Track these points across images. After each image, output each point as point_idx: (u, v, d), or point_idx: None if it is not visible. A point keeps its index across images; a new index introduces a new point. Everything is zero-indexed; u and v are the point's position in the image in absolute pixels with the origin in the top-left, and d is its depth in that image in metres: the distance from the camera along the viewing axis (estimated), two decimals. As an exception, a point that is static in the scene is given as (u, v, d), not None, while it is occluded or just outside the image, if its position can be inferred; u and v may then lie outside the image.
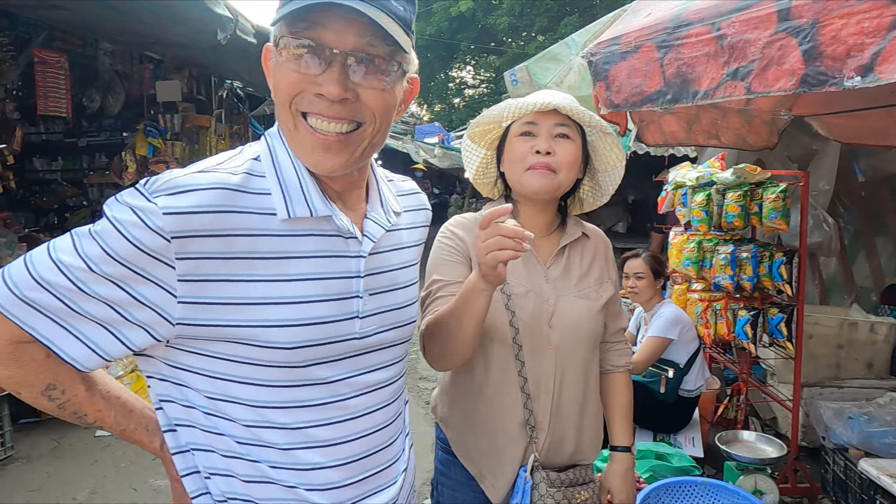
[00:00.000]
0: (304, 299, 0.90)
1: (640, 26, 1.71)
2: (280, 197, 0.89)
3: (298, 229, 0.90)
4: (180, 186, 0.82)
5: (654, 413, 3.28)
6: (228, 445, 0.92)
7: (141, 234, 0.80)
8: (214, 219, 0.83)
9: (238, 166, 0.90)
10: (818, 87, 1.17)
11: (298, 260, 0.90)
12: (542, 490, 1.41)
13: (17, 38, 5.09)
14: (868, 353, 3.67)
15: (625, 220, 11.88)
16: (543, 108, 1.39)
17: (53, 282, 0.81)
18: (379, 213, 1.03)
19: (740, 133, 3.15)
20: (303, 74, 0.86)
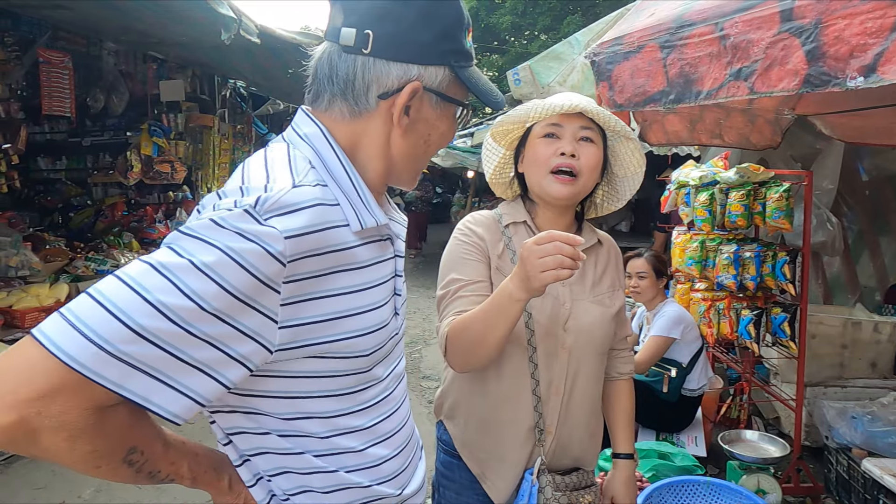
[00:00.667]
0: (376, 305, 0.93)
1: (643, 26, 1.71)
2: (349, 208, 0.88)
3: (364, 238, 0.91)
4: (290, 205, 0.78)
5: (657, 412, 3.28)
6: (307, 462, 0.92)
7: (262, 263, 0.74)
8: (319, 237, 0.81)
9: (311, 179, 0.86)
10: (821, 88, 1.17)
11: (369, 268, 0.91)
12: (549, 493, 1.41)
13: (21, 38, 5.11)
14: (871, 352, 3.67)
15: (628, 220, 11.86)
16: (570, 110, 1.39)
17: (156, 329, 0.69)
18: (393, 214, 1.08)
19: (744, 132, 3.14)
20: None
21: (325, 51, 0.94)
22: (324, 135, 0.92)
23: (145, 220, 6.46)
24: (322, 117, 0.94)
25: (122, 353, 0.69)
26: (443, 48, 0.91)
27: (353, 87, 0.91)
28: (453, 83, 0.94)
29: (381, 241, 0.96)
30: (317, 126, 0.92)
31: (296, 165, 0.87)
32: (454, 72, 0.93)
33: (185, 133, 6.41)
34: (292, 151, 0.90)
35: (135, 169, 5.79)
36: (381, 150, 0.94)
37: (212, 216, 0.74)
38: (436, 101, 0.94)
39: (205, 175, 6.93)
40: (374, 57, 0.89)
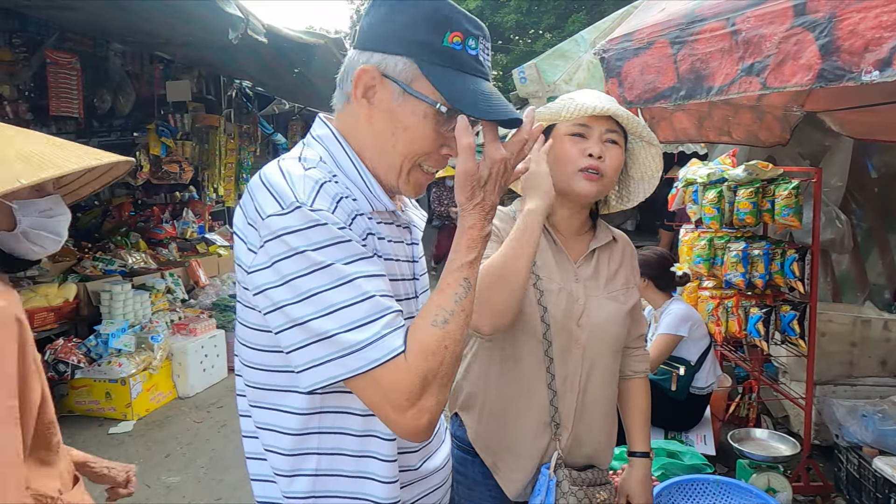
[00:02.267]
0: (404, 277, 1.05)
1: (654, 22, 1.70)
2: (360, 194, 0.99)
3: (381, 219, 1.02)
4: (314, 185, 0.91)
5: (666, 411, 3.27)
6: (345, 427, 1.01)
7: (342, 233, 0.89)
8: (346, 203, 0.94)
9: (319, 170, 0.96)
10: (835, 82, 1.16)
11: (389, 243, 1.02)
12: (566, 487, 1.42)
13: (29, 40, 5.14)
14: (881, 350, 3.64)
15: (634, 218, 11.82)
16: (602, 112, 1.41)
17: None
18: (411, 208, 1.16)
19: (752, 129, 3.13)
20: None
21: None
22: (333, 134, 1.01)
23: (152, 220, 6.48)
24: (335, 117, 1.05)
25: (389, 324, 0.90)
26: (407, 38, 0.93)
27: (343, 77, 1.00)
28: (422, 79, 0.94)
29: (395, 225, 1.06)
30: (328, 128, 1.02)
31: (305, 160, 0.97)
32: (419, 67, 0.94)
33: (191, 133, 6.44)
34: (303, 151, 1.00)
35: (144, 169, 5.82)
36: (364, 135, 1.00)
37: (282, 231, 0.87)
38: (398, 93, 0.95)
39: (211, 175, 6.95)
40: (355, 48, 0.99)
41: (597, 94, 1.48)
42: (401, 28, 0.94)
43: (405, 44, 0.94)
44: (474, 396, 1.55)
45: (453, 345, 0.92)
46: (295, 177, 0.91)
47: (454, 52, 0.95)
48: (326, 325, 0.86)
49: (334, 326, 0.86)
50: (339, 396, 0.98)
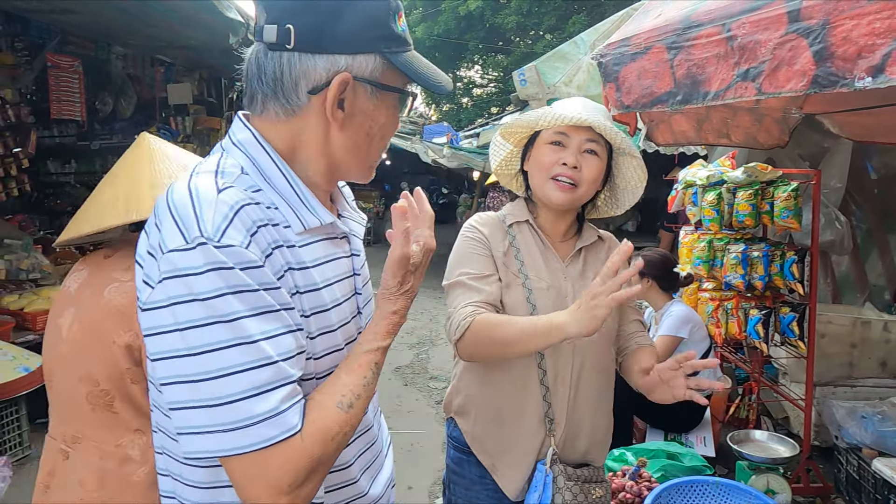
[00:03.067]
0: (338, 302, 0.95)
1: (650, 27, 1.72)
2: (289, 209, 0.89)
3: (311, 238, 0.92)
4: (227, 214, 0.79)
5: (666, 412, 3.27)
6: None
7: (249, 278, 0.79)
8: (266, 232, 0.83)
9: (239, 185, 0.85)
10: (829, 88, 1.17)
11: (321, 266, 0.92)
12: (561, 483, 1.44)
13: (31, 43, 5.16)
14: (881, 351, 3.64)
15: (634, 219, 11.84)
16: (579, 123, 1.42)
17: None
18: (350, 212, 1.08)
19: (751, 132, 3.13)
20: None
21: (252, 51, 0.91)
22: (257, 140, 0.90)
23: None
24: (258, 121, 0.92)
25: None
26: (369, 35, 0.88)
27: (283, 85, 0.88)
28: (388, 71, 0.91)
29: (333, 238, 0.97)
30: (250, 131, 0.91)
31: (222, 174, 0.85)
32: (387, 59, 0.90)
33: (192, 136, 6.46)
34: (223, 160, 0.89)
35: (143, 171, 5.82)
36: (322, 147, 0.92)
37: (180, 271, 0.75)
38: (371, 91, 0.90)
39: (212, 177, 6.96)
40: (299, 52, 0.86)
41: (583, 103, 1.50)
42: (364, 24, 0.87)
43: (372, 40, 0.88)
44: (469, 400, 1.58)
45: (351, 430, 0.85)
46: (204, 201, 0.79)
47: (404, 34, 0.93)
48: (218, 390, 0.74)
49: (227, 393, 0.74)
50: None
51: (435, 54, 18.92)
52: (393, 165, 17.78)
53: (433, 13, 17.97)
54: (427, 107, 23.16)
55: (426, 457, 3.79)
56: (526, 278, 1.49)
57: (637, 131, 2.77)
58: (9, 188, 5.28)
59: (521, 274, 1.50)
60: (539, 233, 1.56)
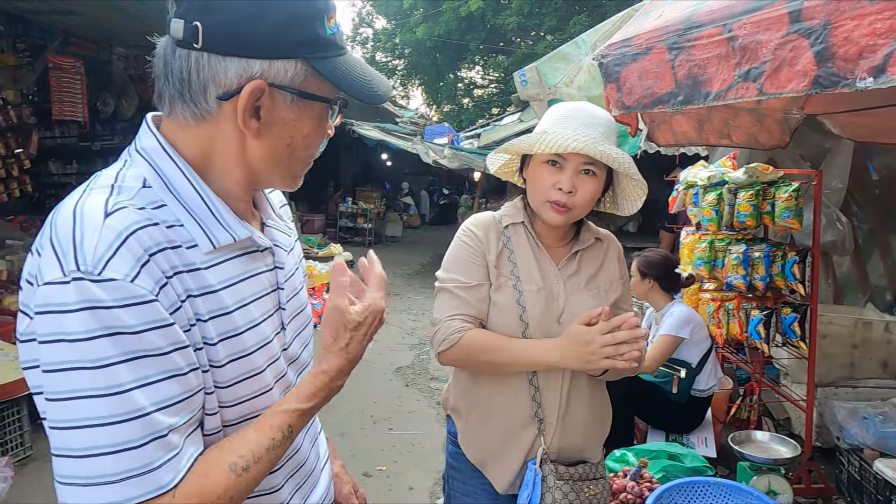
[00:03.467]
0: (255, 322, 0.87)
1: (651, 28, 1.72)
2: (196, 227, 0.81)
3: (223, 256, 0.84)
4: (113, 242, 0.71)
5: (667, 413, 3.28)
6: None
7: (132, 318, 0.71)
8: (163, 257, 0.76)
9: (137, 203, 0.77)
10: (830, 89, 1.17)
11: (236, 286, 0.85)
12: (551, 482, 1.45)
13: (32, 44, 5.18)
14: (883, 352, 3.64)
15: (635, 220, 11.84)
16: (573, 150, 1.39)
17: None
18: (276, 221, 1.00)
19: (752, 132, 3.13)
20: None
21: (161, 44, 0.82)
22: (163, 147, 0.82)
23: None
24: (168, 124, 0.84)
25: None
26: (289, 39, 0.79)
27: (190, 87, 0.79)
28: (313, 78, 0.82)
29: (252, 252, 0.89)
30: (156, 138, 0.82)
31: (119, 189, 0.78)
32: (311, 65, 0.81)
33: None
34: (124, 172, 0.81)
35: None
36: (237, 156, 0.84)
37: (53, 307, 0.68)
38: (292, 100, 0.82)
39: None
40: (208, 52, 0.77)
41: (582, 119, 1.46)
42: (283, 27, 0.78)
43: (292, 45, 0.79)
44: (462, 400, 1.61)
45: (244, 494, 0.78)
46: (87, 227, 0.70)
47: (334, 38, 0.84)
48: (80, 441, 0.68)
49: (88, 445, 0.68)
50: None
51: (436, 55, 18.95)
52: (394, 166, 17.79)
53: (434, 14, 17.98)
54: (428, 108, 23.19)
55: (427, 457, 3.79)
56: (517, 280, 1.51)
57: (638, 132, 2.77)
58: (10, 189, 5.29)
59: (512, 275, 1.51)
60: (534, 235, 1.57)
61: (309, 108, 0.84)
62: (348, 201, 13.32)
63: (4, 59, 4.95)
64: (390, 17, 21.25)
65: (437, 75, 20.44)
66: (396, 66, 22.32)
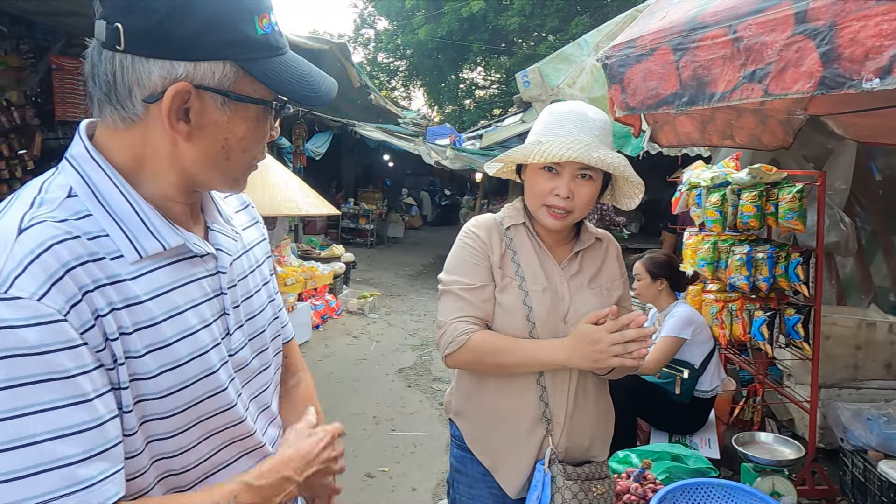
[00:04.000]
0: (190, 331, 0.84)
1: (656, 29, 1.72)
2: (122, 236, 0.79)
3: (152, 265, 0.82)
4: (24, 258, 0.70)
5: (670, 414, 3.27)
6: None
7: (39, 338, 0.68)
8: (81, 272, 0.74)
9: (57, 215, 0.76)
10: (836, 90, 1.17)
11: (167, 294, 0.83)
12: (560, 483, 1.45)
13: (35, 45, 5.19)
14: (886, 353, 3.63)
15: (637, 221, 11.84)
16: (567, 160, 1.39)
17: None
18: (222, 225, 0.97)
19: (755, 133, 3.13)
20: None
21: (90, 47, 0.81)
22: (90, 154, 0.81)
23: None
24: (100, 128, 0.83)
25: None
26: (214, 40, 0.77)
27: (116, 89, 0.78)
28: (245, 79, 0.81)
29: (189, 258, 0.87)
30: (83, 145, 0.82)
31: (41, 200, 0.77)
32: (241, 66, 0.80)
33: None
34: (50, 180, 0.81)
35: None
36: (170, 160, 0.82)
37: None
38: (223, 102, 0.80)
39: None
40: (131, 54, 0.76)
41: (579, 123, 1.45)
42: (207, 28, 0.76)
43: (218, 46, 0.77)
44: (468, 401, 1.60)
45: None
46: (0, 243, 0.71)
47: (267, 38, 0.82)
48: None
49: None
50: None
51: (438, 56, 18.95)
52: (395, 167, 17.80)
53: (436, 15, 18.00)
54: (430, 109, 23.19)
55: (430, 458, 3.79)
56: (522, 280, 1.51)
57: (641, 133, 2.77)
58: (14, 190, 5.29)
59: (517, 276, 1.52)
60: (536, 236, 1.58)
61: (243, 109, 0.83)
62: (350, 202, 13.33)
63: (8, 61, 4.96)
64: (392, 18, 21.25)
65: (438, 76, 20.45)
66: (398, 67, 22.34)
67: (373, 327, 6.90)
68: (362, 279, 9.40)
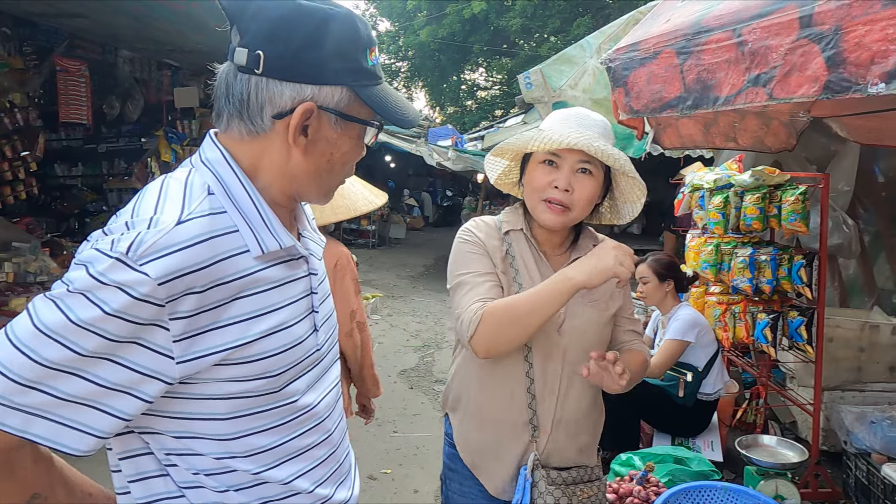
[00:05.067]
0: (286, 324, 0.93)
1: (660, 32, 1.71)
2: (249, 233, 0.89)
3: (268, 261, 0.92)
4: (169, 247, 0.79)
5: (673, 417, 3.27)
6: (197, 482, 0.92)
7: (135, 309, 0.77)
8: (205, 273, 0.82)
9: (203, 207, 0.86)
10: (842, 94, 1.17)
11: (275, 289, 0.92)
12: (542, 487, 1.45)
13: (39, 47, 5.19)
14: (890, 356, 3.63)
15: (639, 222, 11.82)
16: (568, 146, 1.38)
17: (43, 378, 0.76)
18: (310, 232, 1.09)
19: (758, 135, 3.12)
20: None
21: (224, 70, 0.93)
22: (225, 159, 0.92)
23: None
24: (224, 138, 0.94)
25: (18, 404, 0.76)
26: (337, 67, 0.90)
27: (248, 107, 0.90)
28: (355, 102, 0.93)
29: (290, 260, 0.97)
30: (219, 150, 0.92)
31: (191, 194, 0.88)
32: (354, 91, 0.92)
33: (199, 139, 6.48)
34: (192, 177, 0.91)
35: (155, 175, 5.89)
36: (283, 169, 0.94)
37: (89, 266, 0.76)
38: (335, 121, 0.92)
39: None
40: (267, 77, 0.88)
41: (578, 119, 1.46)
42: (331, 57, 0.89)
43: (338, 73, 0.90)
44: (459, 398, 1.61)
45: None
46: (162, 224, 0.81)
47: (375, 69, 0.95)
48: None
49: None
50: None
51: (439, 57, 18.96)
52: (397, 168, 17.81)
53: (438, 16, 18.01)
54: (431, 110, 23.20)
55: (432, 460, 3.79)
56: (520, 287, 1.50)
57: (644, 135, 2.77)
58: (17, 191, 5.31)
59: (515, 283, 1.51)
60: (533, 243, 1.56)
61: (350, 128, 0.95)
62: (352, 203, 13.31)
63: (11, 63, 4.96)
64: (394, 19, 21.27)
65: (440, 77, 20.46)
66: (400, 68, 22.35)
67: (375, 329, 6.90)
68: (364, 280, 9.41)
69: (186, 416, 0.88)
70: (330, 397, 1.07)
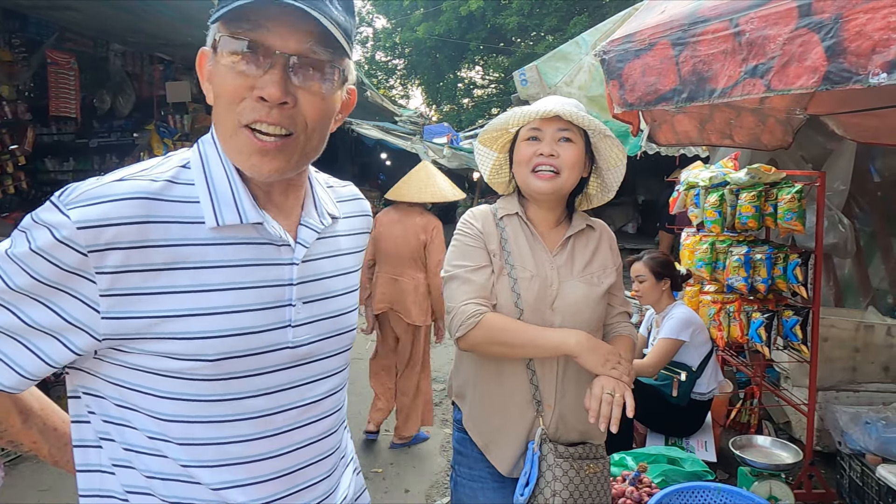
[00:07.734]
0: (226, 309, 0.87)
1: (655, 23, 1.68)
2: (209, 204, 0.87)
3: (227, 237, 0.88)
4: (96, 197, 0.79)
5: (666, 416, 3.24)
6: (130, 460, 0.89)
7: (57, 252, 0.78)
8: (131, 230, 0.80)
9: (161, 173, 0.86)
10: (842, 85, 1.13)
11: (223, 269, 0.87)
12: (550, 460, 1.50)
13: (29, 40, 5.13)
14: (885, 356, 3.61)
15: (635, 221, 11.83)
16: (546, 115, 1.49)
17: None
18: (314, 219, 0.99)
19: (754, 132, 3.10)
20: (244, 76, 0.82)
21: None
22: (211, 136, 0.91)
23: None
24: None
25: None
26: (219, 6, 0.84)
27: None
28: (218, 30, 0.85)
29: (259, 244, 0.90)
30: (211, 130, 0.91)
31: (159, 164, 0.89)
32: (217, 19, 0.84)
33: (191, 134, 6.42)
34: (177, 153, 0.92)
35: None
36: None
37: (36, 210, 0.81)
38: (212, 56, 0.87)
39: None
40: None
41: (554, 99, 1.57)
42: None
43: (217, 10, 0.84)
44: (466, 384, 1.68)
45: None
46: (106, 180, 0.83)
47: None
48: None
49: None
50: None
51: (435, 55, 18.92)
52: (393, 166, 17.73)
53: (434, 13, 17.96)
54: (427, 107, 23.15)
55: (424, 460, 3.75)
56: (511, 268, 1.57)
57: (640, 132, 2.73)
58: (5, 185, 5.25)
59: (507, 264, 1.57)
60: (528, 224, 1.62)
61: (220, 56, 0.85)
62: (347, 200, 13.26)
63: (0, 55, 4.90)
64: (390, 16, 21.22)
65: (436, 75, 20.41)
66: (396, 66, 22.29)
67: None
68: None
69: (127, 386, 0.86)
70: (306, 410, 0.96)
